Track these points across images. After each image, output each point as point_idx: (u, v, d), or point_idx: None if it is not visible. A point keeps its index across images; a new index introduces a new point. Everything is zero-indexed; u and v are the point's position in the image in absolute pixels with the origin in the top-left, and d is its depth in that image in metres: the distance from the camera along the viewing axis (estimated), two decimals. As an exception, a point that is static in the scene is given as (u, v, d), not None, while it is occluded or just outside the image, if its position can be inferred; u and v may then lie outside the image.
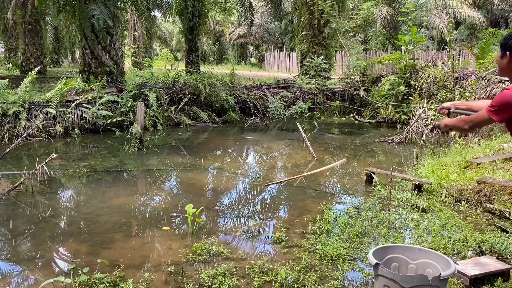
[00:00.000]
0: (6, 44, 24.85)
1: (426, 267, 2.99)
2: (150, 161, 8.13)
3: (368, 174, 6.48)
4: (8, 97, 10.04)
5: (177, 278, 3.64)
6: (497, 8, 29.72)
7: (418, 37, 12.40)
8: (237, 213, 5.45)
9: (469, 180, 5.76)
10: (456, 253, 4.08)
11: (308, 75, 15.55)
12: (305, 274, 3.68)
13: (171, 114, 11.98)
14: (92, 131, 10.79)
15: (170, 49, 38.59)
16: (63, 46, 29.61)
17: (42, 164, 6.33)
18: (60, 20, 20.02)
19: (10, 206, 5.61)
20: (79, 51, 13.82)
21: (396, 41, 19.36)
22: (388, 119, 12.07)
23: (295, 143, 9.77)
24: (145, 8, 16.04)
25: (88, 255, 4.11)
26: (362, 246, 4.21)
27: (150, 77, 13.07)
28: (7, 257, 4.20)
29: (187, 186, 6.82)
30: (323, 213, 5.12)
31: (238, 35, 36.90)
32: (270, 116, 13.11)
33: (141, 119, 8.85)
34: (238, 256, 4.05)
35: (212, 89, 12.71)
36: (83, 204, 5.80)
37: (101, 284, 3.49)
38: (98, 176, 7.13)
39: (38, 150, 8.93)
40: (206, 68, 17.16)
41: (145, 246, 4.36)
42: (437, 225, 4.68)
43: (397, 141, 9.63)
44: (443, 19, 24.86)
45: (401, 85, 11.91)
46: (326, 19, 15.59)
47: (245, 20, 24.18)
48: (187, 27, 17.54)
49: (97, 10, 11.59)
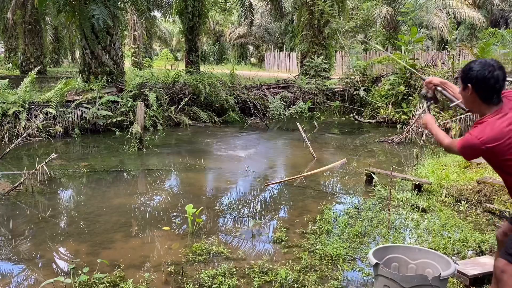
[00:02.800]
0: (6, 44, 24.85)
1: (426, 267, 2.99)
2: (150, 161, 8.13)
3: (368, 174, 6.48)
4: (8, 97, 10.04)
5: (177, 278, 3.64)
6: (497, 8, 29.71)
7: (418, 37, 12.39)
8: (237, 213, 5.45)
9: (469, 180, 5.77)
10: (456, 253, 4.08)
11: (308, 75, 15.55)
12: (305, 274, 3.68)
13: (171, 114, 11.98)
14: (92, 131, 10.79)
15: (170, 49, 38.59)
16: (63, 46, 29.62)
17: (42, 164, 6.33)
18: (60, 20, 20.03)
19: (10, 206, 5.61)
20: (79, 51, 13.83)
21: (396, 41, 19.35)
22: (388, 119, 12.06)
23: (295, 143, 9.77)
24: (145, 8, 16.06)
25: (88, 255, 4.11)
26: (362, 246, 4.21)
27: (150, 77, 13.06)
28: (7, 257, 4.20)
29: (187, 186, 6.82)
30: (323, 213, 5.12)
31: (238, 35, 36.90)
32: (270, 116, 13.11)
33: (141, 119, 8.84)
34: (238, 256, 4.05)
35: (212, 89, 12.71)
36: (83, 204, 5.80)
37: (101, 284, 3.49)
38: (98, 176, 7.13)
39: (38, 150, 8.93)
40: (206, 68, 17.16)
41: (145, 246, 4.36)
42: (437, 225, 4.68)
43: (397, 141, 9.63)
44: (443, 19, 24.86)
45: (401, 85, 11.91)
46: (326, 19, 15.59)
47: (245, 20, 24.18)
48: (187, 27, 17.54)
49: (97, 10, 11.59)
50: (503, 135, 2.41)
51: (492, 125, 2.44)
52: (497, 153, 2.44)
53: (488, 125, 2.45)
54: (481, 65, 2.48)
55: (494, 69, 2.46)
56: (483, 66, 2.47)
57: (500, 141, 2.40)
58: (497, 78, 2.45)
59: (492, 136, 2.41)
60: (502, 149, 2.41)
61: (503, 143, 2.40)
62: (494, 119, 2.46)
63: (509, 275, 2.55)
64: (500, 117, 2.46)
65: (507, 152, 2.42)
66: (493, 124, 2.44)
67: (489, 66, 2.47)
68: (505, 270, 2.56)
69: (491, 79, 2.45)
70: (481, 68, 2.47)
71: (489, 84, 2.45)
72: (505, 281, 2.56)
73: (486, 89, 2.47)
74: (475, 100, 2.53)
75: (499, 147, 2.41)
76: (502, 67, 2.52)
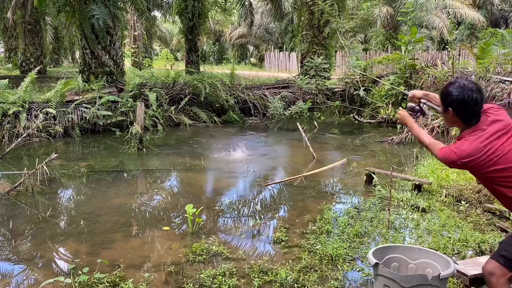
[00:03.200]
0: (6, 44, 24.86)
1: (426, 267, 2.99)
2: (150, 161, 8.13)
3: (368, 174, 6.48)
4: (8, 97, 10.04)
5: (177, 278, 3.64)
6: (497, 8, 29.71)
7: (418, 37, 12.39)
8: (237, 213, 5.45)
9: (469, 180, 5.77)
10: (456, 253, 4.08)
11: (308, 75, 15.54)
12: (305, 274, 3.68)
13: (171, 114, 11.97)
14: (92, 131, 10.79)
15: (170, 49, 38.59)
16: (63, 46, 29.63)
17: (42, 164, 6.33)
18: (60, 20, 20.03)
19: (10, 206, 5.61)
20: (79, 51, 13.83)
21: (396, 41, 19.35)
22: (388, 119, 12.06)
23: (295, 143, 9.77)
24: (145, 8, 16.06)
25: (88, 255, 4.11)
26: (362, 246, 4.21)
27: (150, 77, 13.06)
28: (7, 257, 4.20)
29: (187, 186, 6.82)
30: (323, 213, 5.12)
31: (238, 35, 36.89)
32: (270, 116, 13.11)
33: (141, 119, 8.84)
34: (238, 256, 4.05)
35: (212, 89, 12.70)
36: (83, 204, 5.80)
37: (101, 284, 3.49)
38: (98, 176, 7.13)
39: (38, 150, 8.93)
40: (206, 68, 17.15)
41: (145, 246, 4.37)
42: (437, 225, 4.68)
43: (397, 141, 9.62)
44: (443, 19, 24.86)
45: (401, 85, 11.91)
46: (326, 19, 15.58)
47: (245, 20, 24.17)
48: (187, 27, 17.53)
49: (97, 10, 11.58)
50: (478, 151, 2.52)
51: (469, 142, 2.56)
52: (474, 167, 2.57)
53: (465, 142, 2.58)
54: (460, 89, 2.57)
55: (472, 93, 2.55)
56: (462, 91, 2.56)
57: (474, 156, 2.52)
58: (476, 100, 2.54)
59: (467, 152, 2.53)
60: (478, 163, 2.53)
61: (478, 158, 2.52)
62: (471, 136, 2.58)
63: (497, 277, 2.60)
64: (477, 134, 2.57)
65: (484, 166, 2.53)
66: (470, 141, 2.56)
67: (468, 90, 2.55)
68: (494, 272, 2.61)
69: (470, 102, 2.54)
70: (459, 92, 2.56)
71: (469, 107, 2.56)
72: (494, 283, 2.61)
73: (466, 112, 2.58)
74: (456, 121, 2.66)
75: (474, 162, 2.53)
76: (480, 89, 2.61)
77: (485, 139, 2.54)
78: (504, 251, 2.61)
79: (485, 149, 2.52)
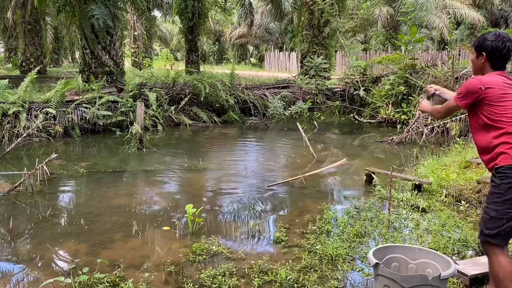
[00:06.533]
0: (6, 44, 24.87)
1: (426, 267, 2.99)
2: (150, 161, 8.12)
3: (368, 174, 6.48)
4: (8, 97, 10.03)
5: (177, 278, 3.64)
6: (497, 8, 29.72)
7: (418, 37, 12.39)
8: (237, 213, 5.45)
9: (469, 180, 5.76)
10: (456, 253, 4.08)
11: (308, 75, 15.54)
12: (305, 274, 3.68)
13: (171, 114, 11.97)
14: (92, 131, 10.78)
15: (170, 49, 38.61)
16: (63, 46, 29.62)
17: (42, 164, 6.33)
18: (60, 20, 19.98)
19: (10, 206, 5.61)
20: (79, 51, 13.83)
21: (396, 41, 19.36)
22: (388, 119, 12.06)
23: (295, 143, 9.77)
24: (145, 8, 16.04)
25: (88, 255, 4.11)
26: (362, 246, 4.21)
27: (150, 77, 13.06)
28: (7, 257, 4.20)
29: (187, 186, 6.82)
30: (323, 213, 5.12)
31: (238, 35, 36.90)
32: (270, 116, 13.11)
33: (141, 119, 8.84)
34: (238, 256, 4.05)
35: (212, 89, 12.70)
36: (83, 204, 5.80)
37: (101, 284, 3.49)
38: (98, 176, 7.13)
39: (38, 150, 8.92)
40: (206, 68, 17.15)
41: (145, 246, 4.36)
42: (437, 225, 4.68)
43: (397, 141, 9.62)
44: (443, 19, 24.86)
45: (401, 85, 11.90)
46: (326, 19, 15.59)
47: (245, 20, 24.16)
48: (187, 27, 17.54)
49: (97, 10, 11.58)
50: (499, 85, 2.80)
51: (491, 75, 2.88)
52: (489, 97, 2.78)
53: (488, 75, 2.89)
54: (495, 37, 2.85)
55: (506, 41, 2.84)
56: (497, 38, 2.85)
57: (495, 87, 2.78)
58: (509, 48, 2.85)
59: (490, 80, 2.82)
60: (494, 95, 2.77)
61: (497, 90, 2.77)
62: (494, 73, 2.89)
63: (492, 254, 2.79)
64: (499, 74, 2.88)
65: (497, 101, 2.76)
66: (493, 75, 2.87)
67: (503, 37, 2.85)
68: (487, 251, 2.83)
69: (504, 49, 2.84)
70: (495, 39, 2.85)
71: (502, 53, 2.85)
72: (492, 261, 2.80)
73: (498, 58, 2.87)
74: (485, 67, 2.93)
75: (493, 92, 2.77)
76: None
77: (505, 81, 2.83)
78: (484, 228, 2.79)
79: (505, 89, 2.79)
